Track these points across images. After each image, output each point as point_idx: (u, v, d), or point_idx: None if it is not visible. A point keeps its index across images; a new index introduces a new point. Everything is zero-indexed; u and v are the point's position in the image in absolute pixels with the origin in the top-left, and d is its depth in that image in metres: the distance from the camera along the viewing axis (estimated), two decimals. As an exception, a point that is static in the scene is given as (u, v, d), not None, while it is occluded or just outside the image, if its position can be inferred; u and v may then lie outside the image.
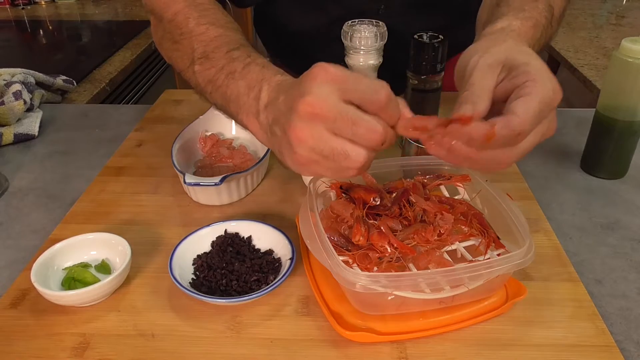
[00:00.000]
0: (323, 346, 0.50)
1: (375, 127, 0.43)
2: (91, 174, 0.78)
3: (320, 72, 0.43)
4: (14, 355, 0.50)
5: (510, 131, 0.42)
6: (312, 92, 0.42)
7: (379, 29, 0.74)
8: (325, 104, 0.42)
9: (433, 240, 0.53)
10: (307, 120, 0.43)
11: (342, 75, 0.43)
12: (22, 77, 0.99)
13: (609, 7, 2.01)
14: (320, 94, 0.42)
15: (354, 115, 0.42)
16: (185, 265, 0.58)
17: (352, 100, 0.43)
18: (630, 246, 0.64)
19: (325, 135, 0.43)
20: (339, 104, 0.42)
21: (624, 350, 0.50)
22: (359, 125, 0.42)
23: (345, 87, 0.43)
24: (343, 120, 0.42)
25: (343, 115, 0.42)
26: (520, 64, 0.46)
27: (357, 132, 0.43)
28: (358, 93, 0.43)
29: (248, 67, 0.53)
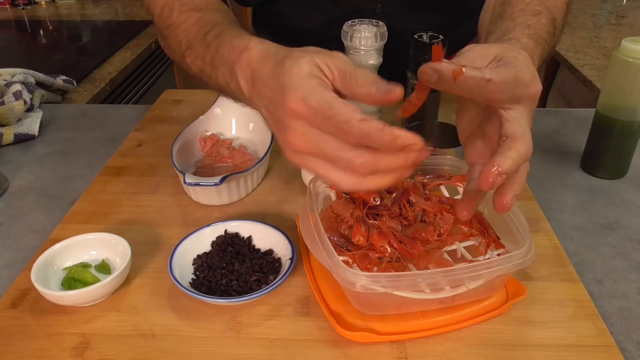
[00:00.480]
0: (323, 346, 0.50)
1: (351, 163, 0.41)
2: (91, 174, 0.78)
3: (291, 111, 0.42)
4: (14, 355, 0.50)
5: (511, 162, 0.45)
6: (290, 130, 0.42)
7: (379, 29, 0.74)
8: (305, 143, 0.42)
9: (433, 241, 0.53)
10: (296, 153, 0.43)
11: (311, 112, 0.41)
12: (22, 77, 0.99)
13: (609, 7, 2.01)
14: (297, 131, 0.42)
15: (332, 154, 0.41)
16: (185, 265, 0.58)
17: (324, 130, 0.41)
18: (630, 246, 0.64)
19: (313, 163, 0.43)
20: (318, 140, 0.41)
21: (624, 350, 0.50)
22: (336, 161, 0.42)
23: (318, 124, 0.41)
24: (324, 156, 0.42)
25: (322, 152, 0.42)
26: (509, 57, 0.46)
27: (338, 165, 0.42)
28: (332, 128, 0.41)
29: (219, 52, 0.52)
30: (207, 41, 0.55)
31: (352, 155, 0.41)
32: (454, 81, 0.43)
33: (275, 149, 0.76)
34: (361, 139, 0.40)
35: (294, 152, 0.43)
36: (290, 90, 0.42)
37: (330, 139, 0.41)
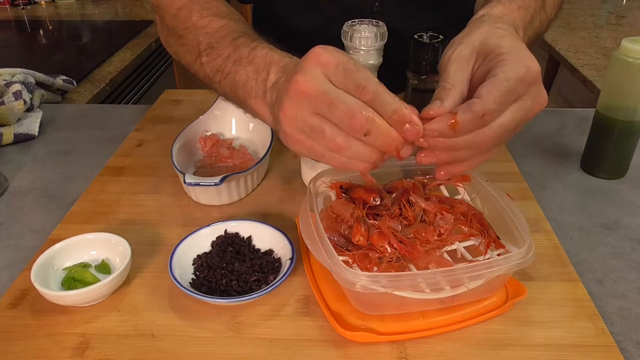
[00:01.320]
0: (323, 346, 0.50)
1: (352, 111, 0.42)
2: (91, 174, 0.78)
3: (314, 55, 0.44)
4: (14, 355, 0.50)
5: (472, 114, 0.43)
6: (303, 71, 0.44)
7: (379, 29, 0.74)
8: (311, 84, 0.43)
9: (433, 240, 0.53)
10: (294, 99, 0.44)
11: (333, 59, 0.44)
12: (22, 77, 0.99)
13: (609, 7, 2.01)
14: (309, 74, 0.44)
15: (334, 97, 0.43)
16: (185, 265, 0.58)
17: (338, 84, 0.44)
18: (630, 246, 0.64)
19: (307, 113, 0.44)
20: (324, 85, 0.43)
21: (624, 350, 0.50)
22: (336, 106, 0.43)
23: (334, 71, 0.44)
24: (323, 100, 0.43)
25: (325, 94, 0.43)
26: (494, 47, 0.46)
27: (335, 113, 0.43)
28: (348, 81, 0.43)
29: (254, 52, 0.54)
30: (237, 44, 0.57)
31: (355, 102, 0.42)
32: (455, 132, 0.44)
33: (275, 148, 0.76)
34: (374, 98, 0.42)
35: (296, 95, 0.44)
36: (319, 48, 0.45)
37: (338, 89, 0.43)
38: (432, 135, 0.44)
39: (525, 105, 0.45)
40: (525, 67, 0.45)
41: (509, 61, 0.45)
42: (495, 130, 0.45)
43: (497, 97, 0.43)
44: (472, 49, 0.47)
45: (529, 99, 0.45)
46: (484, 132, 0.44)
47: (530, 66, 0.45)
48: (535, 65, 0.45)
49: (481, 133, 0.45)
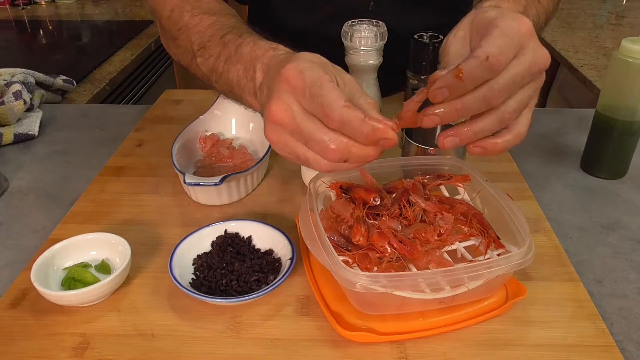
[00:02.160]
0: (323, 346, 0.50)
1: (327, 147, 0.43)
2: (91, 174, 0.78)
3: (284, 78, 0.43)
4: (14, 355, 0.50)
5: (475, 59, 0.42)
6: (276, 98, 0.44)
7: (379, 29, 0.74)
8: (284, 114, 0.43)
9: (433, 241, 0.53)
10: (273, 125, 0.44)
11: (301, 82, 0.43)
12: (22, 77, 0.99)
13: (609, 7, 2.01)
14: (281, 103, 0.43)
15: (308, 133, 0.43)
16: (185, 265, 0.58)
17: (309, 109, 0.43)
18: (630, 246, 0.64)
19: (289, 141, 0.45)
20: (297, 116, 0.43)
21: (624, 350, 0.50)
22: (309, 142, 0.43)
23: (302, 97, 0.43)
24: (300, 134, 0.43)
25: (297, 128, 0.43)
26: (484, 18, 0.47)
27: (312, 148, 0.44)
28: (315, 107, 0.43)
29: (240, 49, 0.54)
30: (225, 41, 0.57)
31: (327, 138, 0.42)
32: (463, 81, 0.43)
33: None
34: (341, 124, 0.42)
35: (274, 125, 0.44)
36: (292, 62, 0.44)
37: (310, 119, 0.43)
38: (441, 94, 0.43)
39: (528, 58, 0.45)
40: (515, 20, 0.45)
41: (500, 19, 0.45)
42: (502, 82, 0.44)
43: (496, 44, 0.43)
44: (465, 29, 0.49)
45: (530, 51, 0.45)
46: (491, 85, 0.44)
47: (520, 19, 0.45)
48: (525, 19, 0.46)
49: (490, 87, 0.44)
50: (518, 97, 0.46)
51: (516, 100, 0.46)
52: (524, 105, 0.47)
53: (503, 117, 0.46)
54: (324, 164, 0.44)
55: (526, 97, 0.46)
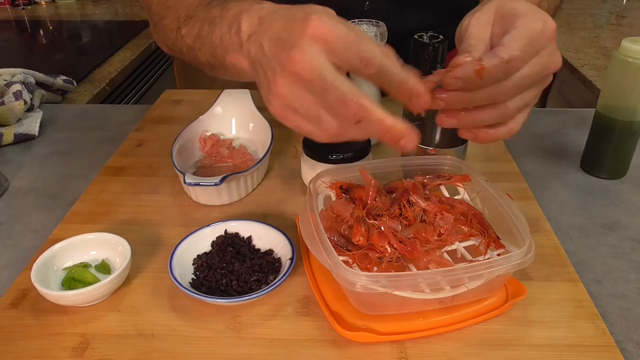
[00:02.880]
0: (323, 346, 0.50)
1: (344, 98, 0.41)
2: (91, 174, 0.78)
3: (311, 30, 0.41)
4: (14, 355, 0.50)
5: (499, 60, 0.43)
6: (300, 48, 0.41)
7: (379, 29, 0.74)
8: (309, 65, 0.40)
9: (433, 241, 0.53)
10: (289, 77, 0.41)
11: (335, 35, 0.41)
12: (22, 77, 0.99)
13: (609, 7, 2.01)
14: (307, 53, 0.40)
15: (329, 81, 0.41)
16: (185, 265, 0.58)
17: (339, 60, 0.41)
18: (630, 246, 0.64)
19: (304, 96, 0.42)
20: (322, 66, 0.41)
21: (624, 350, 0.50)
22: (329, 92, 0.41)
23: (335, 49, 0.41)
24: (319, 83, 0.41)
25: (320, 78, 0.41)
26: (510, 9, 0.47)
27: (327, 99, 0.41)
28: (347, 53, 0.41)
29: (226, 7, 0.52)
30: (211, 7, 0.55)
31: (349, 91, 0.41)
32: (481, 79, 0.43)
33: (275, 148, 0.76)
34: (379, 70, 0.41)
35: (293, 77, 0.41)
36: (316, 19, 0.41)
37: (341, 77, 0.41)
38: (455, 84, 0.44)
39: (542, 61, 0.45)
40: (542, 21, 0.45)
41: (527, 16, 0.45)
42: (514, 83, 0.44)
43: (520, 46, 0.43)
44: (489, 14, 0.48)
45: (546, 54, 0.45)
46: (503, 84, 0.44)
47: (547, 21, 0.45)
48: (552, 22, 0.46)
49: (501, 85, 0.44)
50: (524, 96, 0.46)
51: (522, 98, 0.46)
52: (526, 104, 0.47)
53: (505, 114, 0.46)
54: (335, 129, 0.43)
55: (531, 96, 0.47)
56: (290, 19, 0.43)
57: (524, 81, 0.45)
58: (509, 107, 0.46)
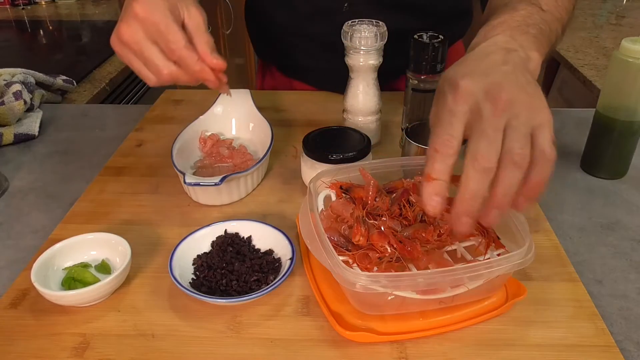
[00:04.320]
0: (323, 346, 0.50)
1: (160, 71, 0.58)
2: (91, 174, 0.78)
3: (134, 13, 0.56)
4: (14, 355, 0.50)
5: (471, 171, 0.43)
6: (126, 23, 0.57)
7: (379, 29, 0.74)
8: (132, 38, 0.57)
9: (433, 240, 0.53)
10: (121, 44, 0.59)
11: (152, 22, 0.56)
12: (22, 77, 0.99)
13: (609, 7, 2.01)
14: (130, 28, 0.57)
15: (148, 57, 0.58)
16: (185, 265, 0.58)
17: (155, 42, 0.58)
18: (630, 246, 0.64)
19: (131, 56, 0.59)
20: (143, 42, 0.57)
21: (624, 350, 0.50)
22: (149, 65, 0.59)
23: (149, 32, 0.57)
24: (141, 56, 0.58)
25: (141, 52, 0.58)
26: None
27: (149, 68, 0.59)
28: (160, 41, 0.57)
29: None
30: None
31: (161, 64, 0.58)
32: (476, 200, 0.44)
33: (275, 148, 0.76)
34: (179, 60, 0.58)
35: (120, 42, 0.59)
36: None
37: (151, 46, 0.57)
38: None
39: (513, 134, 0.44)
40: (485, 94, 0.45)
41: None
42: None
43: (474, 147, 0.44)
44: (434, 103, 0.50)
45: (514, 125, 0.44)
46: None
47: (458, 84, 0.45)
48: (500, 90, 0.44)
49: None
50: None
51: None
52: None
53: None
54: (153, 81, 0.60)
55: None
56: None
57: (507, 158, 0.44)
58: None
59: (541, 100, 0.46)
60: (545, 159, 0.44)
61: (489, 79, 0.45)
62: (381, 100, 0.81)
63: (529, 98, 0.45)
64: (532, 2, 0.59)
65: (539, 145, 0.44)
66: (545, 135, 0.45)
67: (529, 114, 0.44)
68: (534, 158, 0.44)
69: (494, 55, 0.49)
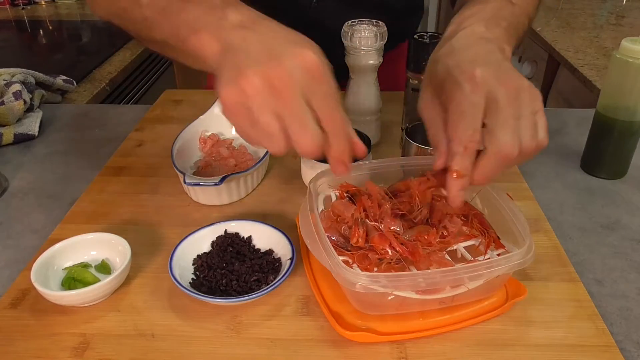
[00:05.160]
0: (323, 346, 0.50)
1: (307, 139, 0.43)
2: (91, 174, 0.78)
3: (304, 62, 0.43)
4: (14, 355, 0.50)
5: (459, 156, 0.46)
6: (283, 66, 0.42)
7: (379, 29, 0.74)
8: (290, 86, 0.42)
9: (435, 243, 0.52)
10: (261, 78, 0.42)
11: (322, 81, 0.43)
12: (22, 77, 0.99)
13: (609, 7, 2.01)
14: (291, 74, 0.42)
15: (300, 115, 0.42)
16: (185, 265, 0.58)
17: (309, 102, 0.43)
18: (630, 246, 0.64)
19: (266, 107, 0.42)
20: (301, 96, 0.42)
21: (624, 350, 0.50)
22: (295, 127, 0.42)
23: (313, 90, 0.43)
24: (289, 110, 0.42)
25: (294, 105, 0.42)
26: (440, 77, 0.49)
27: (292, 131, 0.43)
28: (321, 105, 0.43)
29: None
30: None
31: (313, 131, 0.43)
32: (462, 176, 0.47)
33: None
34: (334, 131, 0.44)
35: (268, 86, 0.42)
36: (313, 49, 0.43)
37: (306, 107, 0.43)
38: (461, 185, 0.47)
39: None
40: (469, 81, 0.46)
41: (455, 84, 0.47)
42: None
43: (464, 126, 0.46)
44: (428, 90, 0.51)
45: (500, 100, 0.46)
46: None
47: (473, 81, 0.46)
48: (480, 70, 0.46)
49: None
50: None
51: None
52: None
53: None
54: (282, 147, 0.44)
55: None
56: (290, 40, 0.44)
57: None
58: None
59: (533, 87, 0.48)
60: (539, 148, 0.47)
61: (493, 67, 0.46)
62: (381, 100, 0.81)
63: (526, 86, 0.47)
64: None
65: (538, 134, 0.46)
66: (543, 123, 0.47)
67: (530, 100, 0.46)
68: None
69: (482, 44, 0.50)
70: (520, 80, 0.47)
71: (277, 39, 0.45)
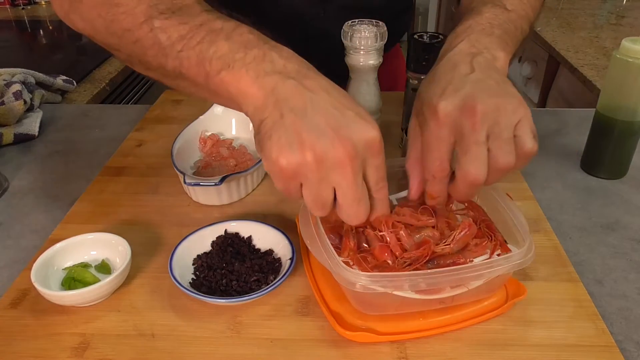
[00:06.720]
0: (323, 346, 0.50)
1: (357, 206, 0.46)
2: (91, 174, 0.78)
3: (366, 139, 0.44)
4: (14, 355, 0.50)
5: (430, 182, 0.51)
6: (347, 139, 0.43)
7: (379, 29, 0.74)
8: (350, 158, 0.43)
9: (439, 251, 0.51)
10: (329, 152, 0.42)
11: (379, 155, 0.45)
12: (22, 77, 0.99)
13: (609, 7, 2.01)
14: (353, 148, 0.43)
15: (357, 176, 0.44)
16: (185, 265, 0.58)
17: (366, 171, 0.46)
18: (630, 246, 0.64)
19: (326, 178, 0.43)
20: (359, 169, 0.44)
21: (624, 350, 0.50)
22: (347, 197, 0.45)
23: (369, 163, 0.45)
24: (352, 181, 0.44)
25: (356, 178, 0.44)
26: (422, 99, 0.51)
27: (343, 198, 0.45)
28: (373, 176, 0.46)
29: (240, 29, 0.47)
30: (213, 16, 0.49)
31: (364, 200, 0.46)
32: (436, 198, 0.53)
33: (275, 149, 0.76)
34: (380, 197, 0.48)
35: (333, 157, 0.42)
36: (374, 127, 0.45)
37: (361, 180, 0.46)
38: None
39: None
40: (432, 119, 0.49)
41: (424, 114, 0.50)
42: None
43: (435, 156, 0.49)
44: (414, 117, 0.53)
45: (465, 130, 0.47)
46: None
47: (434, 116, 0.48)
48: (443, 104, 0.47)
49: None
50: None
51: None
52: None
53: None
54: (327, 213, 0.46)
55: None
56: (353, 111, 0.45)
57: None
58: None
59: (514, 97, 0.48)
60: (526, 155, 0.48)
61: (462, 93, 0.47)
62: (381, 100, 0.81)
63: (503, 100, 0.47)
64: (497, 3, 0.59)
65: (521, 143, 0.47)
66: (526, 131, 0.47)
67: (507, 116, 0.47)
68: (516, 155, 0.48)
69: (460, 66, 0.50)
70: (497, 97, 0.47)
71: (339, 108, 0.44)
